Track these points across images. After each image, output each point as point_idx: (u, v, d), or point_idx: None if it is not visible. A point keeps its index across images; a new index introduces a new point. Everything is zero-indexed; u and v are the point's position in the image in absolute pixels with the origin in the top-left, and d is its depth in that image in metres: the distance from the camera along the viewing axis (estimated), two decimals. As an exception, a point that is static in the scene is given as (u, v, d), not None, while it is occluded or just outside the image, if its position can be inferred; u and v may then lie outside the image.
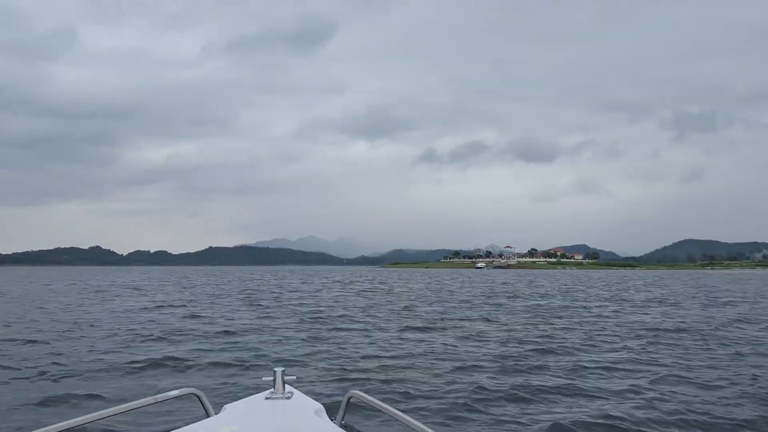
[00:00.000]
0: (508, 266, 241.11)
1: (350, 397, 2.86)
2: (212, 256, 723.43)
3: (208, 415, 2.76)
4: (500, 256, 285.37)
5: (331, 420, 2.77)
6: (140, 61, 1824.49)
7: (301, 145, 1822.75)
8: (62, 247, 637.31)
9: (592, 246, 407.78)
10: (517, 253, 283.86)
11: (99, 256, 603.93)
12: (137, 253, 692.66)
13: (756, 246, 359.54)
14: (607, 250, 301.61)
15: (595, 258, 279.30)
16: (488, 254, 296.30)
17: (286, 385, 2.93)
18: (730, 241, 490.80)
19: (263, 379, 3.11)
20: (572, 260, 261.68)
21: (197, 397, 2.81)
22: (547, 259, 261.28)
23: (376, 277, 76.37)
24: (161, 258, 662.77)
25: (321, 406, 2.78)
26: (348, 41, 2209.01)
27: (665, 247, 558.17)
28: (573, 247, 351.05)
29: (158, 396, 2.67)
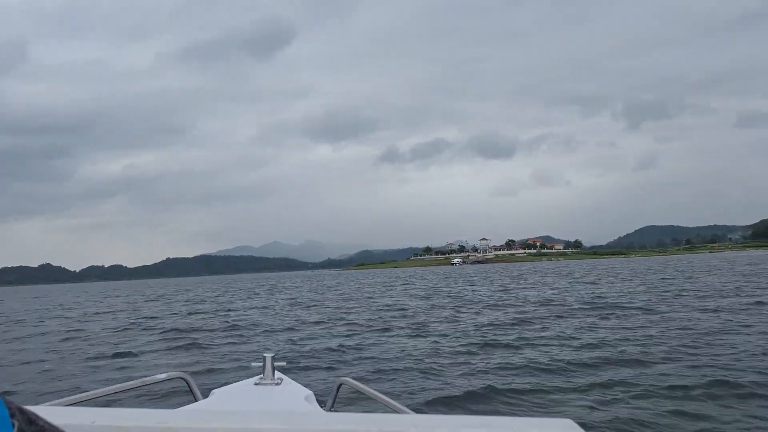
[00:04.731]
0: (486, 260, 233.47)
1: (341, 385, 2.76)
2: (170, 268, 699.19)
3: (195, 400, 2.69)
4: (475, 250, 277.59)
5: (321, 407, 2.72)
6: (97, 74, 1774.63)
7: (263, 150, 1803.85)
8: (9, 266, 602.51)
9: (555, 237, 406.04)
10: (494, 246, 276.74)
11: (50, 274, 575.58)
12: (91, 268, 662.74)
13: (717, 229, 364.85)
14: (571, 239, 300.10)
15: (578, 247, 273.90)
16: (462, 249, 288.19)
17: (276, 372, 2.84)
18: (690, 226, 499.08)
19: (252, 364, 2.97)
20: (554, 251, 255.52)
21: (185, 381, 2.73)
22: (527, 251, 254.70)
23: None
24: (116, 273, 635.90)
25: (311, 393, 2.70)
26: (308, 45, 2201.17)
27: (628, 234, 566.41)
28: (537, 238, 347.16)
29: (146, 378, 2.58)
